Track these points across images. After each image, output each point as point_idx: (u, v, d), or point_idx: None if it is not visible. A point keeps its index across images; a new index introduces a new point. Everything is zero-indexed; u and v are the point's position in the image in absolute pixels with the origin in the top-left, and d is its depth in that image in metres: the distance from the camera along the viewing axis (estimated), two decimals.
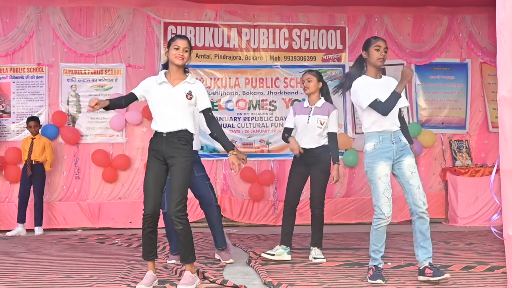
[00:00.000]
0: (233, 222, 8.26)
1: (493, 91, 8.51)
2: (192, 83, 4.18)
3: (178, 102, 4.10)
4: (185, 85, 4.15)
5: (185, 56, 4.11)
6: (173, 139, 4.07)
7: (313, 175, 5.26)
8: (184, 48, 4.10)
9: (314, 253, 5.20)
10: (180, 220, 3.99)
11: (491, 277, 4.28)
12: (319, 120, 5.21)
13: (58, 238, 6.98)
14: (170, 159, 4.06)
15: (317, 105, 5.27)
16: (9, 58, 8.15)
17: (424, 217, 4.14)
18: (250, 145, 8.39)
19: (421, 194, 4.17)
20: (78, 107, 8.22)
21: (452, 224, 8.14)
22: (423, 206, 4.14)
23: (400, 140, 4.24)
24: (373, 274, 4.15)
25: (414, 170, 4.22)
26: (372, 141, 4.26)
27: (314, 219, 5.28)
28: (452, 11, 8.72)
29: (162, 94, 4.12)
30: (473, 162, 8.56)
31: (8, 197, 7.99)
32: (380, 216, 4.18)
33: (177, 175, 4.03)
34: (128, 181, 8.21)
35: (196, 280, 4.08)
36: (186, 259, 4.10)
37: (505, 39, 2.79)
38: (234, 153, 4.13)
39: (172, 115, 4.09)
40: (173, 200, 4.00)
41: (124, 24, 8.29)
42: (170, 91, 4.12)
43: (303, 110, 5.32)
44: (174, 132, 4.08)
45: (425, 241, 4.15)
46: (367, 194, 8.46)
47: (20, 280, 4.30)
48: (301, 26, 8.63)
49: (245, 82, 8.54)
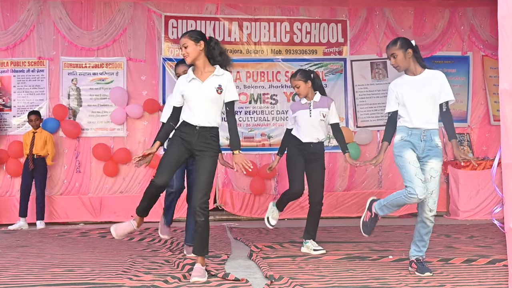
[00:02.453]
0: (235, 216, 8.28)
1: (495, 84, 8.50)
2: (220, 75, 4.16)
3: (209, 97, 4.11)
4: (214, 79, 4.14)
5: (188, 52, 4.11)
6: (206, 134, 4.12)
7: (314, 172, 5.29)
8: (183, 45, 4.11)
9: (312, 245, 5.22)
10: (204, 212, 4.04)
11: (492, 270, 4.29)
12: (321, 112, 5.26)
13: (59, 232, 6.99)
14: (200, 152, 4.10)
15: (315, 100, 5.31)
16: (9, 51, 8.15)
17: (427, 223, 4.15)
18: (252, 139, 8.39)
19: (431, 201, 4.11)
20: (79, 101, 8.21)
21: (454, 217, 8.14)
22: (428, 213, 4.12)
23: (432, 140, 4.16)
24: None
25: (435, 175, 4.14)
26: (400, 134, 4.23)
27: (313, 214, 5.30)
28: (454, 4, 8.69)
29: (193, 91, 4.13)
30: (474, 156, 8.55)
31: (10, 191, 8.00)
32: (412, 195, 4.02)
33: (205, 168, 4.08)
34: (129, 175, 8.21)
35: (206, 273, 4.11)
36: (201, 251, 4.14)
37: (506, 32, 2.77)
38: (239, 153, 4.14)
39: (205, 110, 4.11)
40: (200, 192, 4.05)
41: (125, 17, 8.28)
42: (200, 86, 4.12)
43: (302, 106, 5.35)
44: (208, 127, 4.12)
45: (420, 241, 4.22)
46: (369, 187, 8.48)
47: (22, 274, 4.31)
48: (302, 20, 8.61)
49: (246, 75, 8.53)
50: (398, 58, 4.17)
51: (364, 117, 8.55)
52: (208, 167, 4.09)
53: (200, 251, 4.15)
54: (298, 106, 5.40)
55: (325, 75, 8.56)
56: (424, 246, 4.22)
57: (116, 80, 8.27)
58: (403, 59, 4.17)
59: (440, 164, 4.16)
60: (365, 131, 8.44)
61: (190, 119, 4.13)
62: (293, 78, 5.38)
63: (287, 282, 3.90)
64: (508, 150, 2.77)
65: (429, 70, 4.25)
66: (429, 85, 4.16)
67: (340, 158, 8.38)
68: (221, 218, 8.25)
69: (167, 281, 3.97)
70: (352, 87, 8.59)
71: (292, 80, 5.39)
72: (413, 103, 4.16)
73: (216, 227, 7.33)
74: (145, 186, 8.06)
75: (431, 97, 4.16)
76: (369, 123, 8.51)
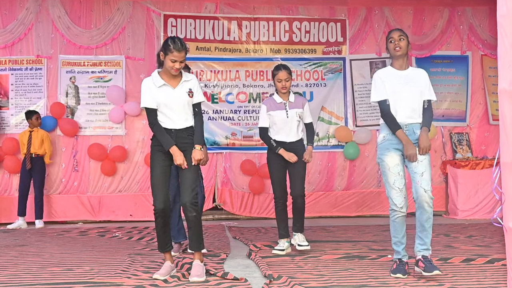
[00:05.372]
0: (233, 215, 8.27)
1: (494, 84, 8.50)
2: (189, 80, 4.30)
3: (183, 102, 4.23)
4: (184, 84, 4.27)
5: (181, 66, 4.19)
6: (183, 134, 4.22)
7: (294, 168, 5.24)
8: (181, 61, 4.14)
9: (298, 239, 5.22)
10: (195, 207, 4.14)
11: (491, 270, 4.29)
12: (297, 113, 5.27)
13: (58, 231, 6.99)
14: (184, 152, 4.17)
15: (290, 100, 5.29)
16: (8, 50, 8.13)
17: (425, 206, 4.02)
18: (251, 138, 8.38)
19: (424, 181, 4.04)
20: (77, 99, 8.20)
21: (453, 216, 8.15)
22: (424, 194, 4.01)
23: (414, 133, 4.16)
24: (396, 267, 4.15)
25: (422, 158, 4.10)
26: (383, 132, 4.25)
27: (295, 207, 5.24)
28: (453, 3, 8.69)
29: (164, 97, 4.20)
30: (473, 155, 8.56)
31: (8, 190, 7.99)
32: (393, 208, 4.15)
33: (189, 166, 4.16)
34: (128, 174, 8.20)
35: (204, 271, 4.13)
36: (197, 247, 4.21)
37: (506, 32, 2.78)
38: (199, 148, 4.18)
39: (178, 115, 4.23)
40: (187, 189, 4.13)
41: (124, 16, 8.27)
42: (171, 93, 4.21)
43: (278, 106, 5.28)
44: (183, 128, 4.24)
45: (422, 231, 4.07)
46: (368, 187, 8.47)
47: (21, 273, 4.30)
48: (301, 19, 8.61)
49: (245, 74, 8.52)
50: (403, 42, 4.24)
51: (363, 117, 8.54)
52: (191, 165, 4.17)
53: (197, 246, 4.20)
54: (274, 105, 5.29)
55: (324, 74, 8.56)
56: (427, 237, 4.06)
57: (115, 78, 8.25)
58: (406, 46, 4.25)
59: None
60: (364, 130, 8.43)
61: (166, 124, 4.22)
62: (285, 70, 5.24)
63: (286, 281, 3.90)
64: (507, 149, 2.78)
65: (413, 68, 4.37)
66: (415, 81, 4.21)
67: (339, 158, 8.38)
68: (220, 217, 8.25)
69: (166, 280, 3.98)
70: (351, 86, 8.59)
71: (284, 71, 5.21)
72: (398, 96, 4.19)
73: (215, 226, 7.33)
74: (143, 185, 8.13)
75: (418, 92, 4.20)
76: (368, 122, 8.50)
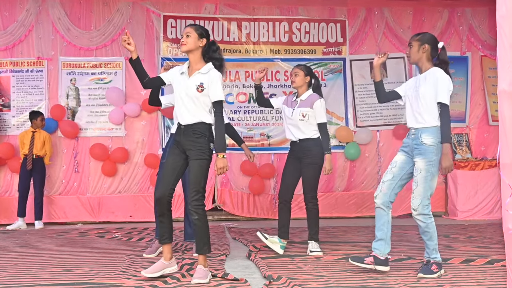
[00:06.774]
0: (233, 216, 8.27)
1: (493, 85, 8.49)
2: (205, 73, 4.08)
3: (188, 94, 4.08)
4: (198, 76, 4.08)
5: (188, 41, 4.06)
6: (189, 131, 4.08)
7: (303, 169, 5.24)
8: (186, 33, 4.07)
9: (311, 246, 5.22)
10: (196, 210, 4.03)
11: (490, 270, 4.29)
12: (301, 112, 5.17)
13: (58, 232, 6.99)
14: (188, 151, 4.10)
15: (302, 98, 5.26)
16: (8, 52, 8.14)
17: (417, 222, 4.17)
18: (251, 139, 8.38)
19: (413, 200, 4.12)
20: (78, 101, 8.20)
21: (452, 217, 8.14)
22: (413, 211, 4.15)
23: (418, 138, 4.14)
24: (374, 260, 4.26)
25: (416, 173, 4.11)
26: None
27: (308, 212, 5.28)
28: (452, 4, 8.69)
29: (179, 85, 4.13)
30: (473, 156, 8.55)
31: (9, 190, 7.99)
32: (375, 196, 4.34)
33: (192, 167, 4.07)
34: (128, 175, 8.20)
35: (208, 274, 4.07)
36: (200, 249, 4.12)
37: (505, 33, 2.78)
38: (222, 156, 4.03)
39: (186, 107, 4.09)
40: (190, 192, 4.08)
41: (124, 17, 8.27)
42: (185, 82, 4.11)
43: (291, 104, 5.32)
44: (190, 124, 4.08)
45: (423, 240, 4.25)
46: (368, 187, 8.47)
47: (21, 274, 4.31)
48: (301, 19, 8.61)
49: (245, 75, 8.53)
50: (412, 48, 4.27)
51: (363, 117, 8.55)
52: (193, 166, 4.05)
53: (199, 249, 4.14)
54: (289, 101, 5.39)
55: (324, 74, 8.56)
56: (426, 246, 4.20)
57: (115, 80, 8.26)
58: (416, 51, 4.24)
59: (424, 162, 4.08)
60: (364, 131, 8.43)
61: (177, 118, 4.17)
62: (296, 66, 5.41)
63: (286, 282, 3.90)
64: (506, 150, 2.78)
65: (432, 68, 4.20)
66: (424, 83, 4.17)
67: (339, 158, 8.38)
68: (219, 218, 8.24)
69: (166, 281, 3.98)
70: (352, 87, 8.59)
71: (294, 67, 5.39)
72: (408, 101, 4.29)
73: (215, 227, 7.33)
74: (143, 186, 8.14)
75: (423, 95, 4.13)
76: (369, 123, 8.51)
